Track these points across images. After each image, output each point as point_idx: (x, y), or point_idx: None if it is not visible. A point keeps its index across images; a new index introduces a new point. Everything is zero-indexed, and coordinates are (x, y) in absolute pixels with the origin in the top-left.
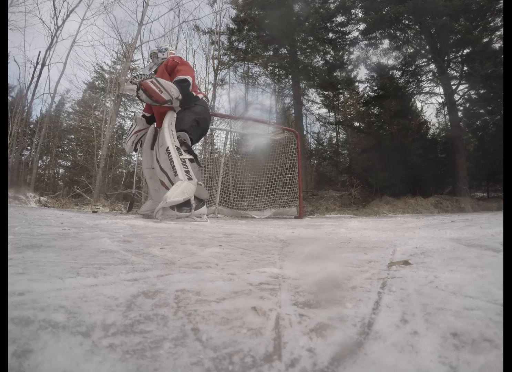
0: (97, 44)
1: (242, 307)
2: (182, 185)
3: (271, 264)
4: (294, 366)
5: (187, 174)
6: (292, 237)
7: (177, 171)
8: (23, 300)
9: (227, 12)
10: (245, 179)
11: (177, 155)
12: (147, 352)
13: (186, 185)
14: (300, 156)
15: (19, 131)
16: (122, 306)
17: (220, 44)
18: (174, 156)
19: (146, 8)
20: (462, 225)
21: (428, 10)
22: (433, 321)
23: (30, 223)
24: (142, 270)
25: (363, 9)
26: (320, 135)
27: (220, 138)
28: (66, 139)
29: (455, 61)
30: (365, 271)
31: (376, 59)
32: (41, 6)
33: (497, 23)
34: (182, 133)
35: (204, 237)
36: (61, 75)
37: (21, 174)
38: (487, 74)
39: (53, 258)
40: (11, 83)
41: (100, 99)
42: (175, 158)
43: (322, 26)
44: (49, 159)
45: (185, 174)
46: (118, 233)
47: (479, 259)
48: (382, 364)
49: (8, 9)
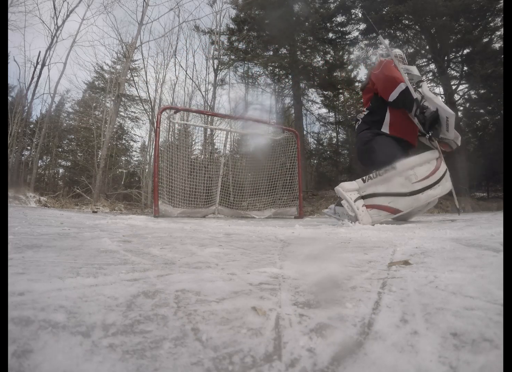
0: (97, 44)
1: (242, 307)
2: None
3: (271, 264)
4: (294, 366)
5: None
6: (292, 237)
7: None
8: (23, 300)
9: (227, 12)
10: (245, 179)
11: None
12: (147, 352)
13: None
14: (300, 156)
15: (19, 131)
16: (122, 306)
17: (220, 44)
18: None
19: (146, 8)
20: (462, 225)
21: (428, 10)
22: (433, 321)
23: (30, 223)
24: (142, 270)
25: (363, 9)
26: (320, 135)
27: (220, 138)
28: (66, 139)
29: (455, 61)
30: (365, 271)
31: (376, 59)
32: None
33: (497, 23)
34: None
35: (204, 237)
36: (61, 75)
37: (21, 174)
38: (487, 74)
39: (53, 258)
40: (11, 83)
41: (100, 99)
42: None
43: (322, 26)
44: (49, 159)
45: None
46: (118, 233)
47: (479, 259)
48: (382, 364)
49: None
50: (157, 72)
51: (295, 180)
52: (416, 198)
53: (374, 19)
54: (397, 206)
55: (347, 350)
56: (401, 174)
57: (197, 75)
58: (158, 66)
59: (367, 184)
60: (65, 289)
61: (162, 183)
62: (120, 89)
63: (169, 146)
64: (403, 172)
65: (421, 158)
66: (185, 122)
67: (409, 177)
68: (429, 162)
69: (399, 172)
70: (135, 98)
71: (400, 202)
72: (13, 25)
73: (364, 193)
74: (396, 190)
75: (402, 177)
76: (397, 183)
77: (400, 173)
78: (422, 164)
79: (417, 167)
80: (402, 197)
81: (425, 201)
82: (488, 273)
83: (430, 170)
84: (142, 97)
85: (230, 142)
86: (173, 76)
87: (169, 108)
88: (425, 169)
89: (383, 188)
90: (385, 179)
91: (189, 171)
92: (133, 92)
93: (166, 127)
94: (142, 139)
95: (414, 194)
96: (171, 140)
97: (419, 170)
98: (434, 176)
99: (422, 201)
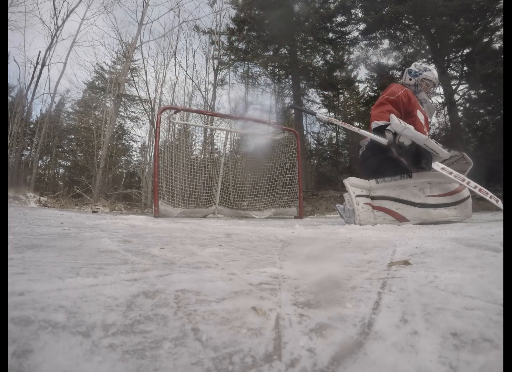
0: (97, 44)
1: (242, 307)
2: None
3: (271, 264)
4: (294, 366)
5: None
6: (292, 237)
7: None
8: (23, 300)
9: (227, 12)
10: (245, 179)
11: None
12: (147, 352)
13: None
14: (300, 156)
15: (19, 131)
16: (122, 306)
17: (220, 44)
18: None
19: (146, 8)
20: (462, 225)
21: (428, 10)
22: (433, 321)
23: (30, 223)
24: (142, 270)
25: (363, 9)
26: (320, 135)
27: (220, 138)
28: (66, 139)
29: (455, 61)
30: (365, 271)
31: (376, 59)
32: (41, 6)
33: (497, 23)
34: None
35: (204, 237)
36: (61, 75)
37: (21, 174)
38: (487, 74)
39: (53, 258)
40: (11, 83)
41: (100, 99)
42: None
43: (322, 26)
44: (49, 159)
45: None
46: (118, 233)
47: (479, 259)
48: (382, 364)
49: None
50: (157, 72)
51: (295, 180)
52: (426, 211)
53: (374, 19)
54: (404, 214)
55: (347, 350)
56: (416, 184)
57: (197, 75)
58: (158, 66)
59: (379, 186)
60: (65, 289)
61: (162, 183)
62: (120, 89)
63: (169, 146)
64: (419, 183)
65: (442, 177)
66: (185, 122)
67: (423, 189)
68: (450, 183)
69: (414, 182)
70: (135, 98)
71: (409, 211)
72: (13, 25)
73: (375, 193)
74: (407, 198)
75: (417, 187)
76: (409, 191)
77: (415, 182)
78: (442, 182)
79: (435, 183)
80: (412, 207)
81: (436, 218)
82: (488, 273)
83: (449, 190)
84: (142, 97)
85: (230, 142)
86: (173, 76)
87: (169, 108)
88: (444, 188)
89: (394, 193)
90: (399, 185)
91: (189, 171)
92: (133, 92)
93: (166, 127)
94: (142, 139)
95: (425, 207)
96: (171, 140)
97: (437, 186)
98: (451, 197)
99: (433, 217)
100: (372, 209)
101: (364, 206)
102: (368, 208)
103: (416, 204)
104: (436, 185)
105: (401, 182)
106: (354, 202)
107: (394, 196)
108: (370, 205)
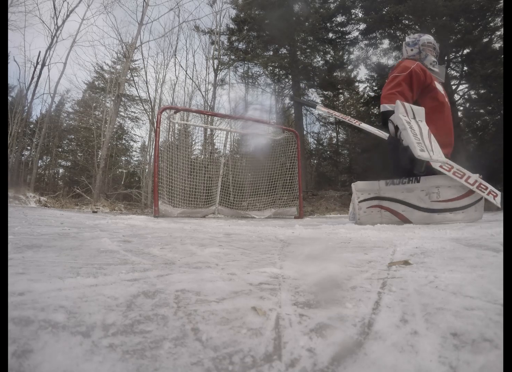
0: (97, 44)
1: (242, 307)
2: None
3: (271, 264)
4: (294, 366)
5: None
6: (292, 237)
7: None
8: (23, 300)
9: (227, 12)
10: (245, 179)
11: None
12: (147, 352)
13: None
14: (300, 156)
15: (19, 131)
16: (122, 306)
17: (220, 44)
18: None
19: (146, 8)
20: (462, 225)
21: (428, 10)
22: (433, 321)
23: (30, 223)
24: (142, 270)
25: (363, 9)
26: (320, 135)
27: (220, 138)
28: (66, 139)
29: (455, 61)
30: (365, 271)
31: (376, 59)
32: (41, 6)
33: (497, 23)
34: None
35: (204, 237)
36: (61, 75)
37: (21, 174)
38: (487, 74)
39: (53, 258)
40: (11, 83)
41: (100, 99)
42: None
43: (322, 26)
44: (49, 159)
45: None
46: (118, 233)
47: (479, 259)
48: (382, 364)
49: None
50: (157, 72)
51: (295, 180)
52: (429, 216)
53: (374, 19)
54: (409, 216)
55: (347, 350)
56: (423, 189)
57: (197, 75)
58: (158, 66)
59: (388, 188)
60: (65, 289)
61: (162, 183)
62: (120, 89)
63: (169, 146)
64: (426, 187)
65: (452, 181)
66: (185, 122)
67: (430, 194)
68: (462, 187)
69: (422, 186)
70: (135, 98)
71: (413, 214)
72: (13, 25)
73: (384, 194)
74: (412, 202)
75: (424, 191)
76: (416, 195)
77: (422, 187)
78: (452, 186)
79: (443, 187)
80: (416, 210)
81: (439, 221)
82: (488, 273)
83: (458, 194)
84: (142, 97)
85: (230, 142)
86: (173, 76)
87: (169, 108)
88: (452, 192)
89: (401, 195)
90: (406, 188)
91: (189, 171)
92: (133, 92)
93: (166, 127)
94: (142, 139)
95: (429, 212)
96: (171, 140)
97: (445, 191)
98: (459, 202)
99: (436, 221)
100: (378, 211)
101: (367, 210)
102: (372, 211)
103: (420, 208)
104: (445, 189)
105: (409, 186)
106: (356, 207)
107: (401, 198)
108: (376, 207)
